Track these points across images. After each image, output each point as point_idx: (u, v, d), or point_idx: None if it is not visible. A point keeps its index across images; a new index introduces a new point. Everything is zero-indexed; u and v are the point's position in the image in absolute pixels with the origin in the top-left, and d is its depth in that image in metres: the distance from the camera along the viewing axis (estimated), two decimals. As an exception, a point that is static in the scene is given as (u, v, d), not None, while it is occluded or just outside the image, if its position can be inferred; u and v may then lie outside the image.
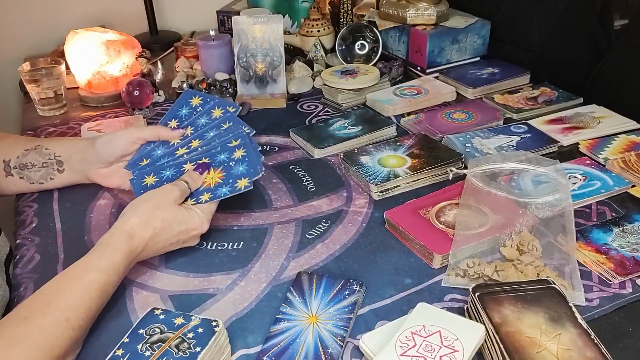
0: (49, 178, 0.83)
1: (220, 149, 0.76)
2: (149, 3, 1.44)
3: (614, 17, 1.20)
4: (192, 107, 0.82)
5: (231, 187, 0.73)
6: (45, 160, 0.81)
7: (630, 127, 0.96)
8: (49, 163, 0.81)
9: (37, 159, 0.81)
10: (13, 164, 0.81)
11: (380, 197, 0.82)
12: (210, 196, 0.72)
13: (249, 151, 0.76)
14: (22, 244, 0.76)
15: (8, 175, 0.81)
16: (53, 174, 0.82)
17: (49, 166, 0.82)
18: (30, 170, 0.81)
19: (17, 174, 0.81)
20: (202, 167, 0.75)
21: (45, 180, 0.83)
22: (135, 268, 0.70)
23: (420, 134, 0.95)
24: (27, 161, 0.81)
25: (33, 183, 0.83)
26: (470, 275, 0.65)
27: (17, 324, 0.54)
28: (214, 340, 0.54)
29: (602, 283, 0.65)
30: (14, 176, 0.81)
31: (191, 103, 0.83)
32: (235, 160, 0.75)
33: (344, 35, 1.25)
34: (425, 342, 0.54)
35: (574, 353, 0.53)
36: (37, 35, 1.41)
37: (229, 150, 0.76)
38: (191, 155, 0.77)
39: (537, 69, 1.18)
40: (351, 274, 0.68)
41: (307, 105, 1.13)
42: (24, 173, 0.81)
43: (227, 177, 0.74)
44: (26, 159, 0.81)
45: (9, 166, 0.81)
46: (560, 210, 0.73)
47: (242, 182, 0.73)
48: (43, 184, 0.83)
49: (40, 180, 0.83)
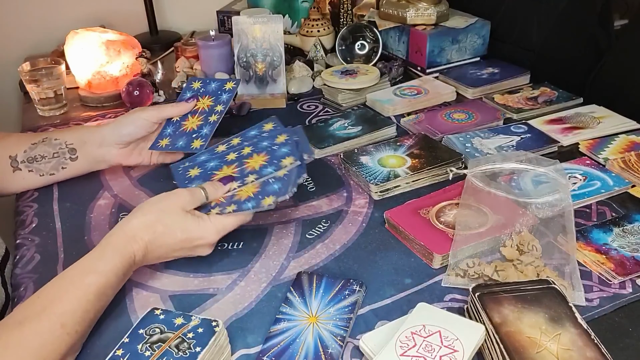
0: (61, 168, 0.82)
1: (268, 161, 0.73)
2: (149, 3, 1.44)
3: (614, 17, 1.20)
4: (194, 89, 0.90)
5: (257, 202, 0.67)
6: (56, 151, 0.81)
7: (630, 127, 0.96)
8: (61, 152, 0.81)
9: (47, 150, 0.81)
10: (21, 159, 0.80)
11: (380, 197, 0.82)
12: (235, 208, 0.67)
13: (292, 172, 0.70)
14: (22, 244, 0.76)
15: (16, 170, 0.80)
16: (65, 163, 0.82)
17: (60, 156, 0.81)
18: (40, 162, 0.81)
19: (25, 167, 0.81)
20: (227, 179, 0.71)
21: (57, 171, 0.82)
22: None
23: (420, 134, 0.95)
24: (36, 154, 0.80)
25: (43, 175, 0.82)
26: (470, 275, 0.65)
27: (12, 329, 0.53)
28: (214, 340, 0.54)
29: (602, 283, 0.65)
30: (22, 170, 0.81)
31: (192, 87, 0.90)
32: (275, 179, 0.70)
33: (344, 35, 1.25)
34: (425, 342, 0.54)
35: (574, 353, 0.53)
36: (37, 35, 1.41)
37: (275, 165, 0.72)
38: (236, 148, 0.78)
39: (537, 69, 1.17)
40: (351, 274, 0.68)
41: (307, 105, 1.13)
42: (33, 166, 0.81)
43: (259, 192, 0.69)
44: (34, 152, 0.80)
45: (16, 161, 0.80)
46: (560, 210, 0.73)
47: (268, 200, 0.67)
48: (54, 174, 0.82)
49: (51, 171, 0.82)
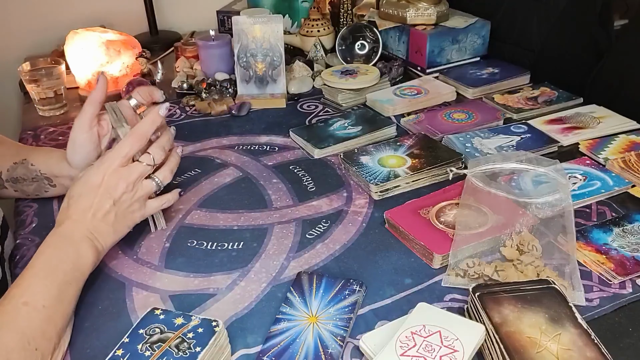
0: (44, 191, 0.80)
1: None
2: (149, 3, 1.44)
3: (614, 17, 1.20)
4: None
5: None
6: (33, 176, 0.78)
7: (630, 127, 0.96)
8: (38, 179, 0.78)
9: (26, 174, 0.78)
10: (5, 177, 0.78)
11: (380, 197, 0.82)
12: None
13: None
14: (22, 244, 0.76)
15: (2, 188, 0.79)
16: (46, 187, 0.79)
17: (39, 181, 0.78)
18: (23, 184, 0.79)
19: (10, 187, 0.79)
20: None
21: (40, 193, 0.80)
22: (135, 268, 0.70)
23: (420, 134, 0.95)
24: (18, 175, 0.78)
25: (29, 195, 0.81)
26: (470, 275, 0.65)
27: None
28: (214, 340, 0.54)
29: (602, 283, 0.65)
30: (8, 189, 0.80)
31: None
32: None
33: (344, 35, 1.25)
34: (425, 342, 0.54)
35: (574, 353, 0.53)
36: (37, 35, 1.41)
37: None
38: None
39: (537, 69, 1.18)
40: (351, 274, 0.68)
41: (307, 105, 1.13)
42: (17, 186, 0.79)
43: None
44: (16, 173, 0.78)
45: (1, 179, 0.79)
46: (560, 210, 0.73)
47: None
48: (39, 195, 0.81)
49: (35, 193, 0.80)
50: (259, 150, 0.97)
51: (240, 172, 0.91)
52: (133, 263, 0.71)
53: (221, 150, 0.97)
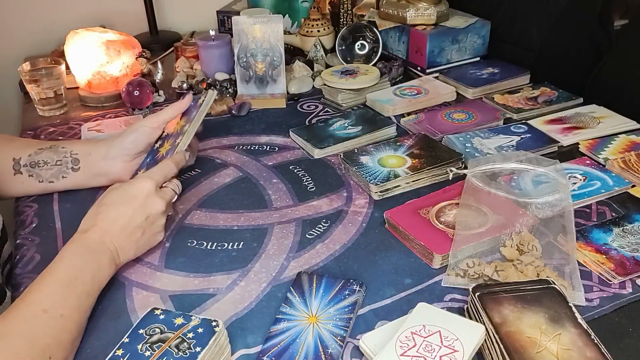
0: (61, 177, 0.81)
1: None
2: (149, 3, 1.44)
3: (614, 17, 1.20)
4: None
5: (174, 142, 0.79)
6: (59, 158, 0.80)
7: (630, 127, 0.96)
8: (64, 161, 0.81)
9: (51, 157, 0.80)
10: (24, 162, 0.80)
11: (380, 197, 0.82)
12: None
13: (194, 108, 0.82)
14: (22, 244, 0.76)
15: (17, 173, 0.80)
16: (66, 172, 0.81)
17: (62, 164, 0.81)
18: (42, 168, 0.80)
19: (26, 171, 0.80)
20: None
21: (56, 179, 0.81)
22: (135, 268, 0.70)
23: (420, 134, 0.95)
24: (40, 159, 0.80)
25: (42, 181, 0.81)
26: (470, 275, 0.65)
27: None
28: (214, 340, 0.54)
29: (602, 283, 0.65)
30: (23, 174, 0.80)
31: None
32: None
33: (344, 35, 1.25)
34: (425, 342, 0.54)
35: (574, 353, 0.53)
36: (37, 35, 1.41)
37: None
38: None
39: (537, 69, 1.17)
40: (351, 274, 0.68)
41: (307, 105, 1.13)
42: (34, 171, 0.80)
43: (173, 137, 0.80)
44: (39, 157, 0.80)
45: (19, 164, 0.80)
46: (560, 210, 0.73)
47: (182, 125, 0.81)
48: (53, 182, 0.82)
49: (51, 178, 0.81)
50: (259, 150, 0.97)
51: (240, 172, 0.91)
52: (133, 263, 0.71)
53: (221, 150, 0.97)
